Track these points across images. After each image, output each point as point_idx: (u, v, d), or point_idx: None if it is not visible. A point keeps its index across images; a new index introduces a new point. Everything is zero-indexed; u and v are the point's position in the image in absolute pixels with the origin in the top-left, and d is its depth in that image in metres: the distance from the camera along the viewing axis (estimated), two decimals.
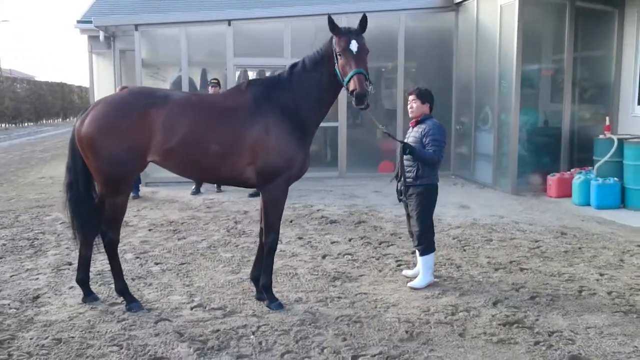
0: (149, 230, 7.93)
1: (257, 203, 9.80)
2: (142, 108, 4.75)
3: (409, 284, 5.54)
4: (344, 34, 4.69)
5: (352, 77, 4.56)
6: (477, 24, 11.94)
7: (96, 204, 5.11)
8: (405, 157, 5.49)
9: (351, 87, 4.55)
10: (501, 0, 10.83)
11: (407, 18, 12.73)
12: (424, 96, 5.60)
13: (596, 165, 9.78)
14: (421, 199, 5.54)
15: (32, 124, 36.18)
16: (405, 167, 5.48)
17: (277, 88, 4.95)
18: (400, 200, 5.69)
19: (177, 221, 8.44)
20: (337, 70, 4.73)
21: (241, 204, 9.75)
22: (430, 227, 5.62)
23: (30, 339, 4.38)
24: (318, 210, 9.20)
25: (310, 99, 4.92)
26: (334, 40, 4.76)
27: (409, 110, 5.68)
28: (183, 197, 10.39)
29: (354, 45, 4.62)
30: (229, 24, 12.00)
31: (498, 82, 11.07)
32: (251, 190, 10.39)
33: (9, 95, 33.09)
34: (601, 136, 10.06)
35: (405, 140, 5.58)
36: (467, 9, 12.44)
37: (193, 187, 10.85)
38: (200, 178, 5.38)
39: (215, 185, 11.03)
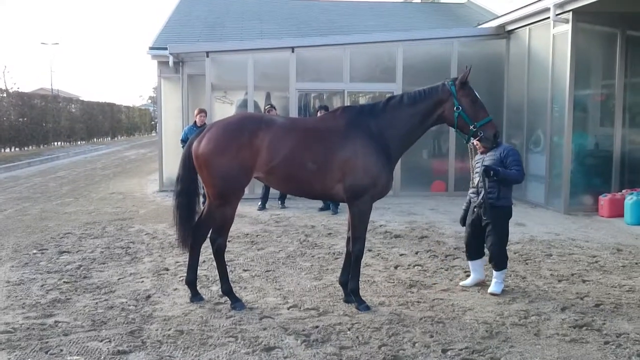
0: (228, 241, 8.56)
1: (322, 218, 10.50)
2: (250, 131, 5.44)
3: (490, 291, 6.07)
4: (469, 85, 5.49)
5: (489, 122, 5.49)
6: (529, 51, 12.49)
7: (202, 217, 5.83)
8: (487, 179, 5.91)
9: (492, 130, 5.50)
10: (554, 29, 11.36)
11: (460, 44, 13.34)
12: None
13: None
14: (502, 221, 6.08)
15: (84, 142, 37.73)
16: (487, 189, 5.95)
17: (369, 116, 5.60)
18: (464, 224, 6.29)
19: (252, 234, 9.14)
20: (463, 114, 5.45)
21: (307, 219, 10.41)
22: (506, 246, 6.16)
23: (156, 330, 5.05)
24: (381, 225, 9.79)
25: (399, 130, 5.58)
26: (453, 88, 5.46)
27: (480, 151, 6.18)
28: (251, 213, 11.10)
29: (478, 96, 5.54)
30: (293, 51, 12.81)
31: (550, 106, 11.56)
32: (321, 205, 11.16)
33: (65, 115, 34.70)
34: None
35: (480, 164, 6.08)
36: (518, 36, 13.01)
37: (259, 203, 11.58)
38: (295, 192, 6.05)
39: (279, 201, 11.76)
